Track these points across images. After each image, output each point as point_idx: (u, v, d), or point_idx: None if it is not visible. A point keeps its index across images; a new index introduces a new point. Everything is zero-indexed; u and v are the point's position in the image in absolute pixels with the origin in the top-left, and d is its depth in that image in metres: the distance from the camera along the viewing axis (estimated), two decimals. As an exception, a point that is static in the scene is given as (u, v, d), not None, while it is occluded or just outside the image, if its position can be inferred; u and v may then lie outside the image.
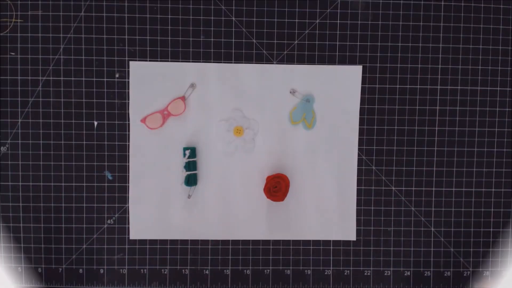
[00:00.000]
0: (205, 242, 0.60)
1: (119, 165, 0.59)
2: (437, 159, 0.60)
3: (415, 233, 0.61)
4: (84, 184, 0.59)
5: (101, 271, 0.59)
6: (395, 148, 0.60)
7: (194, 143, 0.59)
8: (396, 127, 0.60)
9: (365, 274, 0.61)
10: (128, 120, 0.59)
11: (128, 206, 0.59)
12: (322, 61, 0.59)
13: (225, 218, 0.60)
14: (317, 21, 0.59)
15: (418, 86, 0.60)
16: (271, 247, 0.60)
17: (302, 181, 0.60)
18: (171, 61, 0.59)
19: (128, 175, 0.59)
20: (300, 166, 0.60)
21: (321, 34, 0.59)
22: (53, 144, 0.59)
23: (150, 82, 0.59)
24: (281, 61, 0.59)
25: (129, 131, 0.59)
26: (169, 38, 0.58)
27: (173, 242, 0.60)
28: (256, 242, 0.60)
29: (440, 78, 0.60)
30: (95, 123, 0.59)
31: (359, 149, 0.60)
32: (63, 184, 0.59)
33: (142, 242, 0.60)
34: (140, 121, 0.59)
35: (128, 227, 0.59)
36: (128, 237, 0.60)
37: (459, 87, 0.60)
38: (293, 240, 0.60)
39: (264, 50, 0.59)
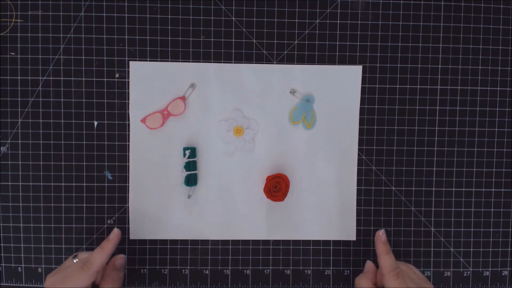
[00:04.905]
0: (205, 242, 0.60)
1: (119, 165, 0.59)
2: (437, 159, 0.60)
3: (415, 233, 0.61)
4: (84, 184, 0.59)
5: (101, 271, 0.59)
6: (395, 148, 0.60)
7: (194, 143, 0.59)
8: (396, 127, 0.60)
9: (365, 274, 0.61)
10: (128, 120, 0.59)
11: (128, 206, 0.59)
12: (322, 61, 0.59)
13: (225, 218, 0.60)
14: (317, 21, 0.59)
15: (418, 86, 0.60)
16: (271, 247, 0.60)
17: (302, 181, 0.60)
18: (171, 61, 0.59)
19: (128, 175, 0.59)
20: (300, 166, 0.60)
21: (321, 34, 0.59)
22: (53, 144, 0.59)
23: (150, 82, 0.59)
24: (281, 61, 0.59)
25: (129, 131, 0.59)
26: (169, 38, 0.58)
27: (173, 242, 0.60)
28: (256, 242, 0.60)
29: (440, 78, 0.60)
30: (95, 123, 0.59)
31: (359, 149, 0.60)
32: (63, 184, 0.59)
33: (142, 242, 0.60)
34: (140, 121, 0.59)
35: (128, 227, 0.59)
36: (128, 237, 0.60)
37: (459, 87, 0.60)
38: (293, 240, 0.60)
39: (264, 50, 0.59)
